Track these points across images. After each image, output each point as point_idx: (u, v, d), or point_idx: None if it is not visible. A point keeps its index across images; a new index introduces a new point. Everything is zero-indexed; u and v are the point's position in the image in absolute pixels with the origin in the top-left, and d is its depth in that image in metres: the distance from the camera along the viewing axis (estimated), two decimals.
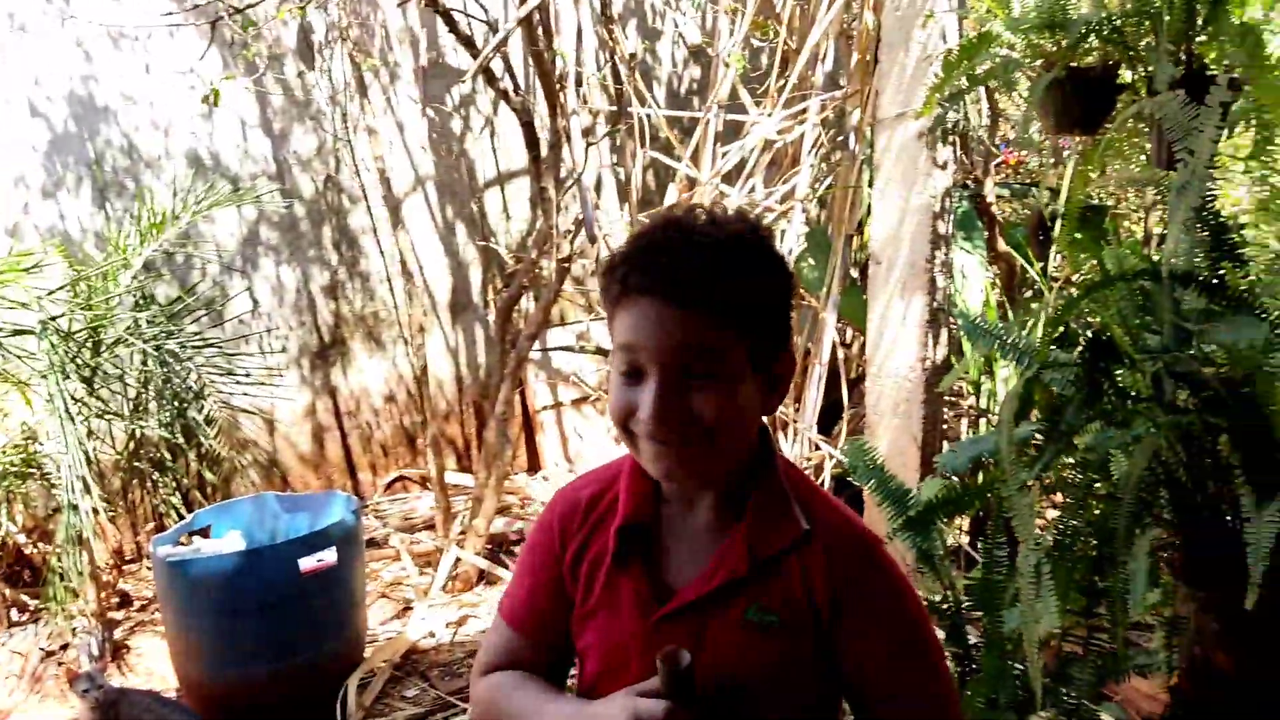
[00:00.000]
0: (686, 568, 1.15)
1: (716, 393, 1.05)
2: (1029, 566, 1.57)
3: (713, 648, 1.11)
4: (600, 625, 1.16)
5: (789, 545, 1.12)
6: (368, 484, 5.55)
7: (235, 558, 3.21)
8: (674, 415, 1.05)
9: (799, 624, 1.11)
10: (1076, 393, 1.62)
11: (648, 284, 1.05)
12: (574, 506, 1.23)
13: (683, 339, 1.04)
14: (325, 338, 5.34)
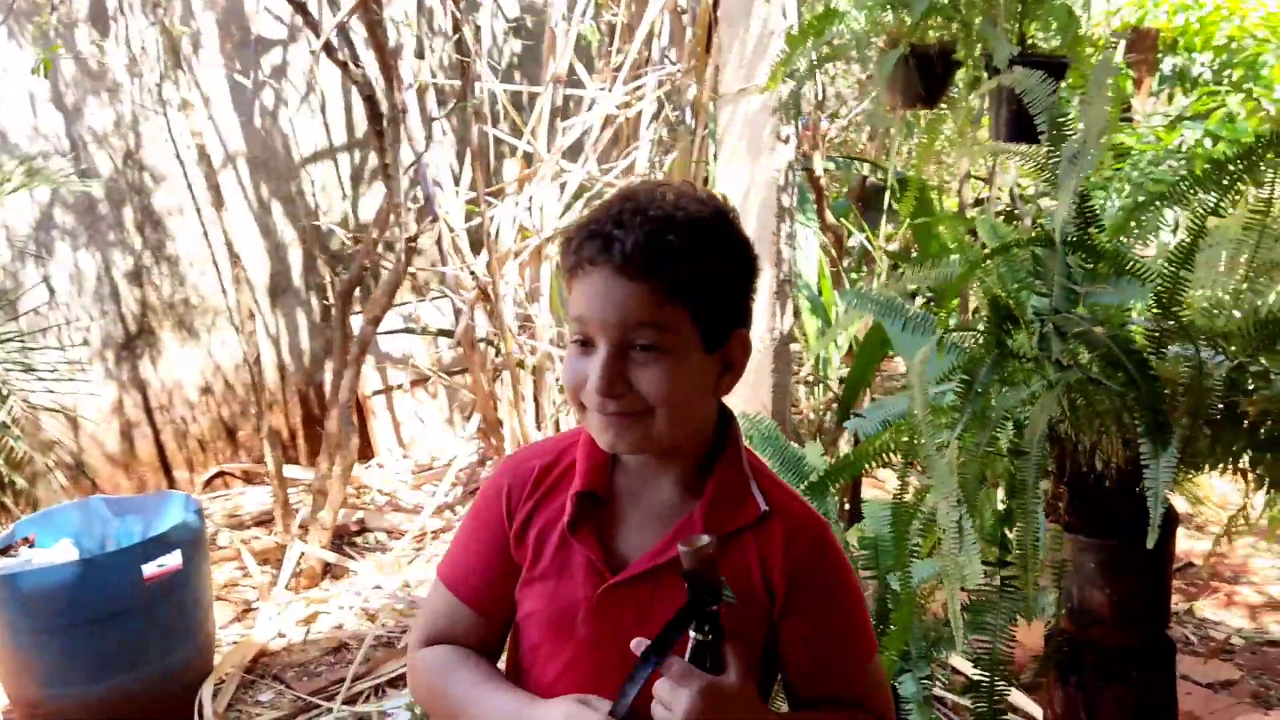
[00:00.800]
0: (641, 540, 1.15)
1: (661, 367, 1.07)
2: (951, 522, 1.65)
3: (660, 620, 1.11)
4: (548, 591, 1.15)
5: (746, 525, 1.15)
6: (184, 482, 5.22)
7: (72, 568, 2.96)
8: (617, 387, 1.07)
9: (750, 602, 1.14)
10: (985, 354, 1.72)
11: (598, 256, 1.07)
12: (524, 475, 1.21)
13: (630, 312, 1.06)
14: (131, 328, 4.97)
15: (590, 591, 1.13)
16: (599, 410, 1.08)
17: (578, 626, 1.13)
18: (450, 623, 1.22)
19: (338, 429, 3.94)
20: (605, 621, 1.13)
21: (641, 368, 1.07)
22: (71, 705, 2.99)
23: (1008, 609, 1.76)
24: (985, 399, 1.72)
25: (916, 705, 1.81)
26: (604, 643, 1.13)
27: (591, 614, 1.13)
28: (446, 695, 1.17)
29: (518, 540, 1.19)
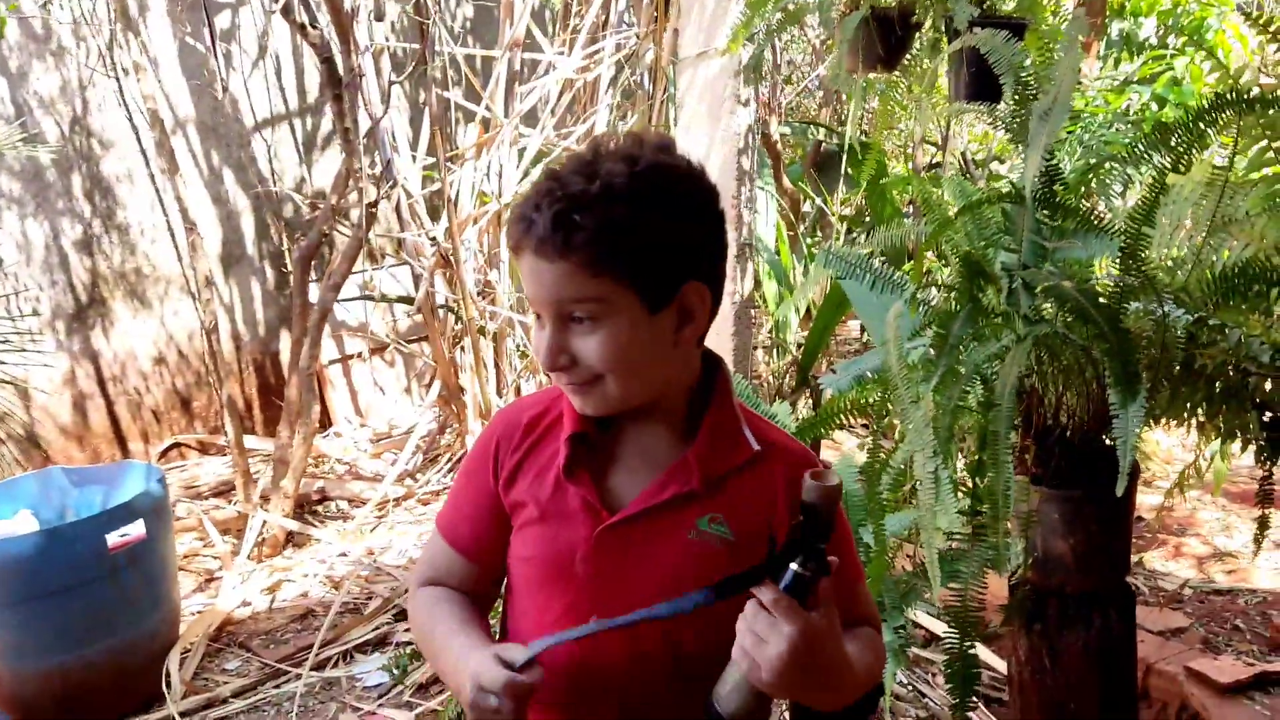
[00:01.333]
0: (637, 481, 1.18)
1: (598, 337, 1.09)
2: (927, 473, 1.69)
3: (659, 559, 1.15)
4: (546, 534, 1.18)
5: (739, 465, 1.17)
6: (139, 453, 5.15)
7: (34, 539, 2.92)
8: (559, 359, 1.11)
9: (751, 535, 1.16)
10: (959, 308, 1.76)
11: (523, 239, 1.10)
12: (513, 426, 1.24)
13: (557, 290, 1.09)
14: (82, 297, 4.88)
15: (588, 532, 1.15)
16: (557, 380, 1.14)
17: (577, 568, 1.15)
18: (445, 569, 1.27)
19: (298, 396, 3.91)
20: (604, 562, 1.15)
21: (582, 338, 1.10)
22: (33, 677, 2.96)
23: (978, 558, 1.81)
24: (957, 354, 1.76)
25: (891, 654, 1.86)
26: (603, 583, 1.15)
27: (590, 554, 1.15)
28: (426, 636, 1.22)
29: (507, 486, 1.21)
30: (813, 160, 5.32)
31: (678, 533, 1.15)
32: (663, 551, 1.15)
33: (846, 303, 4.08)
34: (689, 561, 1.15)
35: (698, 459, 1.16)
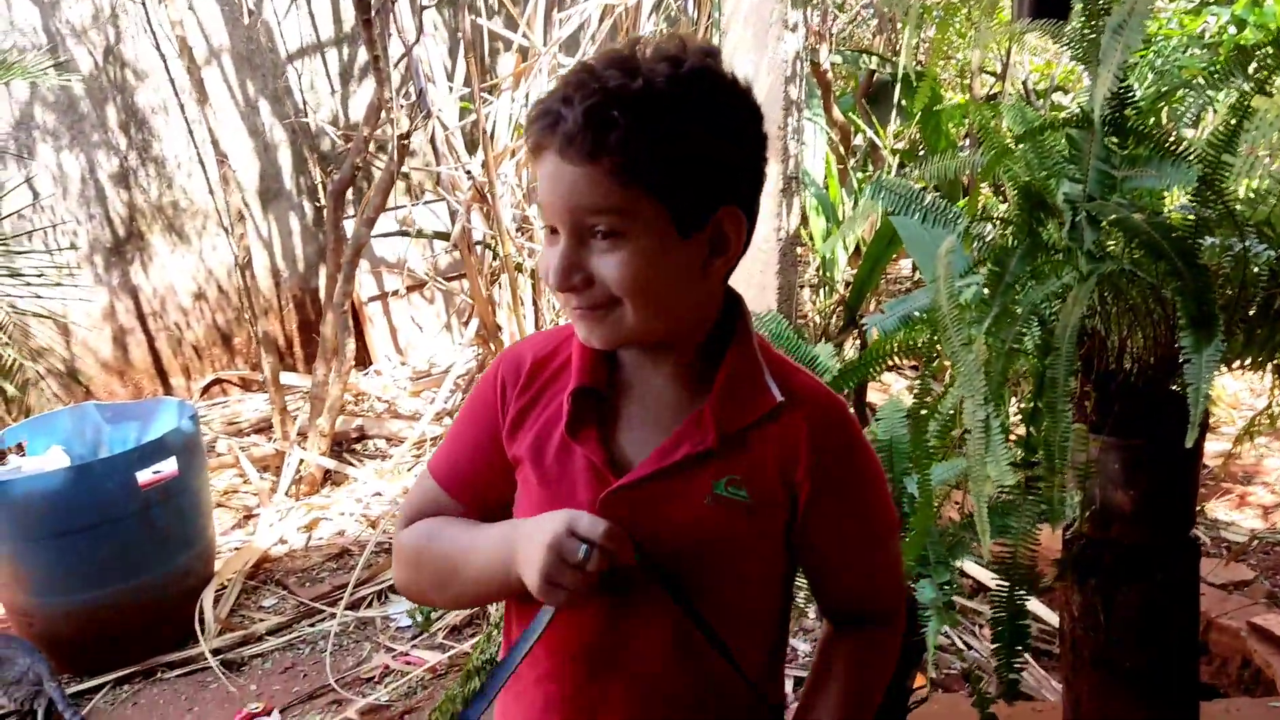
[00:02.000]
0: (646, 440, 1.05)
1: (620, 256, 0.96)
2: (977, 421, 1.57)
3: (672, 527, 1.03)
4: (548, 497, 1.05)
5: (760, 418, 1.05)
6: (181, 389, 5.16)
7: (64, 475, 2.90)
8: (571, 277, 0.97)
9: (771, 500, 1.05)
10: (1017, 244, 1.62)
11: (546, 136, 0.95)
12: (518, 367, 1.11)
13: (580, 197, 0.95)
14: (120, 231, 4.85)
15: (593, 496, 1.03)
16: (565, 303, 1.01)
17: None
18: (434, 513, 1.15)
19: (333, 334, 3.85)
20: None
21: (601, 256, 0.97)
22: (66, 614, 2.96)
23: (1031, 512, 1.69)
24: (1014, 293, 1.62)
25: (935, 611, 1.76)
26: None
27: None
28: (433, 550, 1.11)
29: (511, 435, 1.09)
30: (865, 91, 5.10)
31: (693, 497, 1.03)
32: (676, 518, 1.03)
33: (897, 239, 3.91)
34: (706, 529, 1.04)
35: (713, 413, 1.04)
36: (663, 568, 1.01)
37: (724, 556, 1.05)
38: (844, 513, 1.09)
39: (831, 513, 1.08)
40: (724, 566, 1.05)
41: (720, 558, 1.05)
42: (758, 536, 1.07)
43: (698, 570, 1.04)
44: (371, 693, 2.88)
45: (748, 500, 1.04)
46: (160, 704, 2.94)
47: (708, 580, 1.05)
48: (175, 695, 2.99)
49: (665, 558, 1.03)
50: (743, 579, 1.08)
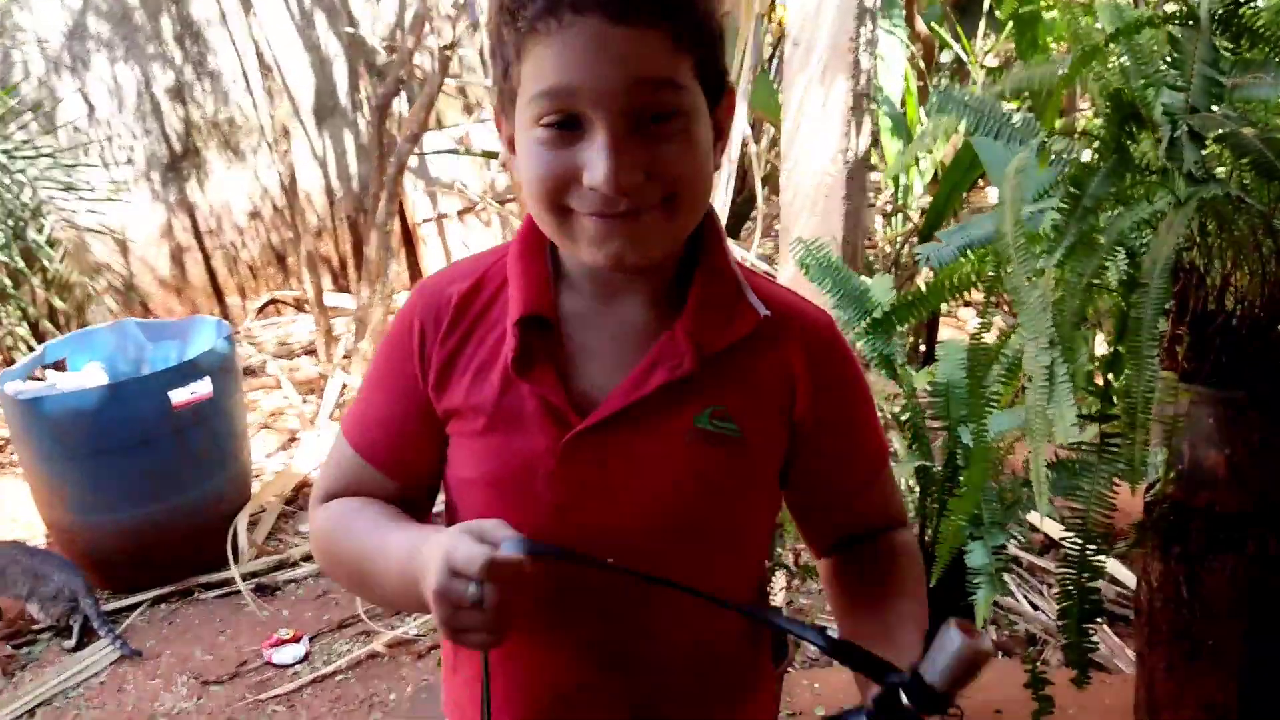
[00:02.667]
0: (609, 372, 0.87)
1: (687, 139, 0.79)
2: (1039, 367, 1.36)
3: (649, 472, 0.86)
4: (494, 448, 0.88)
5: (745, 337, 0.88)
6: (237, 308, 5.12)
7: (97, 393, 2.84)
8: (637, 176, 0.77)
9: (766, 435, 0.89)
10: (1101, 160, 1.38)
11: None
12: (441, 304, 0.92)
13: (638, 70, 0.76)
14: (175, 147, 4.77)
15: (552, 442, 0.86)
16: (602, 212, 0.79)
17: (539, 489, 0.87)
18: (355, 483, 0.96)
19: (377, 255, 3.72)
20: (576, 480, 0.86)
21: (662, 144, 0.78)
22: (103, 532, 2.93)
23: (1106, 471, 1.47)
24: (1094, 219, 1.39)
25: (986, 579, 1.56)
26: (575, 507, 0.87)
27: (556, 472, 0.86)
28: (345, 549, 0.93)
29: (439, 386, 0.91)
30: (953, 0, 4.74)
31: (671, 434, 0.86)
32: (653, 461, 0.86)
33: (978, 163, 3.62)
34: (688, 472, 0.86)
35: (688, 333, 0.85)
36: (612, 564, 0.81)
37: (711, 502, 0.88)
38: (851, 439, 0.96)
39: (836, 444, 0.95)
40: (711, 514, 0.89)
41: (707, 504, 0.88)
42: (750, 477, 0.90)
43: (681, 521, 0.88)
44: (400, 625, 2.79)
45: (737, 434, 0.87)
46: (195, 624, 2.90)
47: (692, 531, 0.88)
48: (210, 616, 2.95)
49: (643, 511, 0.87)
50: (733, 526, 0.92)
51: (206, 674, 2.64)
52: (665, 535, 0.87)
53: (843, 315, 2.01)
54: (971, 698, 2.15)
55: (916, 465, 1.85)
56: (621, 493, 0.86)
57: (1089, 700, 2.19)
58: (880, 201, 4.37)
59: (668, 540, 0.87)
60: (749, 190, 4.44)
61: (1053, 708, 1.60)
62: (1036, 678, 1.59)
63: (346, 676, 2.62)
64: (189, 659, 2.71)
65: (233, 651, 2.75)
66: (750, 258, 4.16)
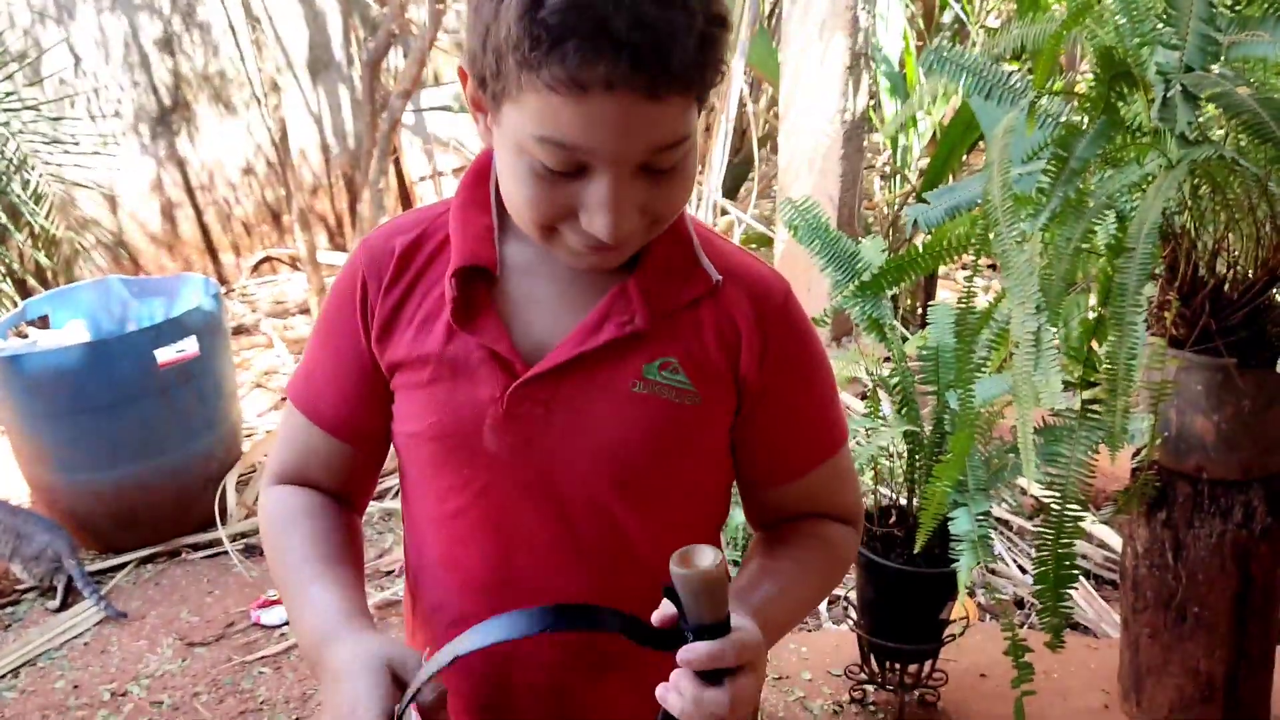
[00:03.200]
0: (557, 321, 0.85)
1: (681, 183, 0.78)
2: (1027, 332, 1.33)
3: (596, 423, 0.84)
4: (439, 399, 0.86)
5: (696, 299, 0.86)
6: (231, 266, 5.08)
7: (79, 351, 2.81)
8: (636, 217, 0.76)
9: (716, 388, 0.86)
10: (1091, 121, 1.34)
11: (614, 75, 0.68)
12: (383, 257, 0.89)
13: (661, 139, 0.73)
14: (165, 100, 4.71)
15: (498, 392, 0.84)
16: (588, 245, 0.78)
17: (485, 441, 0.85)
18: (304, 453, 0.94)
19: (371, 212, 3.68)
20: (522, 431, 0.84)
21: (658, 189, 0.77)
22: (86, 491, 2.91)
23: (1087, 438, 1.45)
24: (1083, 180, 1.35)
25: (969, 545, 1.54)
26: (522, 461, 0.84)
27: (502, 422, 0.84)
28: (275, 568, 0.92)
29: (382, 340, 0.89)
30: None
31: (619, 387, 0.84)
32: (600, 412, 0.84)
33: (977, 125, 3.57)
34: (636, 422, 0.84)
35: (640, 289, 0.84)
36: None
37: (659, 458, 0.86)
38: (797, 410, 0.91)
39: (783, 409, 0.90)
40: (658, 469, 0.86)
41: (654, 459, 0.86)
42: (699, 433, 0.88)
43: (627, 475, 0.85)
44: (390, 586, 2.79)
45: (687, 386, 0.85)
46: (182, 585, 2.89)
47: (639, 486, 0.86)
48: (197, 577, 2.94)
49: (590, 464, 0.84)
50: (681, 483, 0.89)
51: (192, 635, 2.63)
52: (611, 490, 0.85)
53: (833, 277, 1.98)
54: (957, 661, 2.16)
55: (904, 430, 1.83)
56: (567, 445, 0.84)
57: (1074, 663, 2.20)
58: (879, 163, 4.32)
59: (614, 495, 0.85)
60: (746, 151, 4.38)
61: (1032, 675, 1.58)
62: (1016, 645, 1.57)
63: None
64: (175, 620, 2.71)
65: (220, 613, 2.74)
66: (747, 219, 4.11)
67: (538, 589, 0.86)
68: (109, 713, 2.37)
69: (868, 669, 2.02)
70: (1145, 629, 1.91)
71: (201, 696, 2.41)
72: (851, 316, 1.93)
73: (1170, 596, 1.86)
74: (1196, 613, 1.84)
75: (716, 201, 4.06)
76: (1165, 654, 1.90)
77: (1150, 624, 1.90)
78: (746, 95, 4.10)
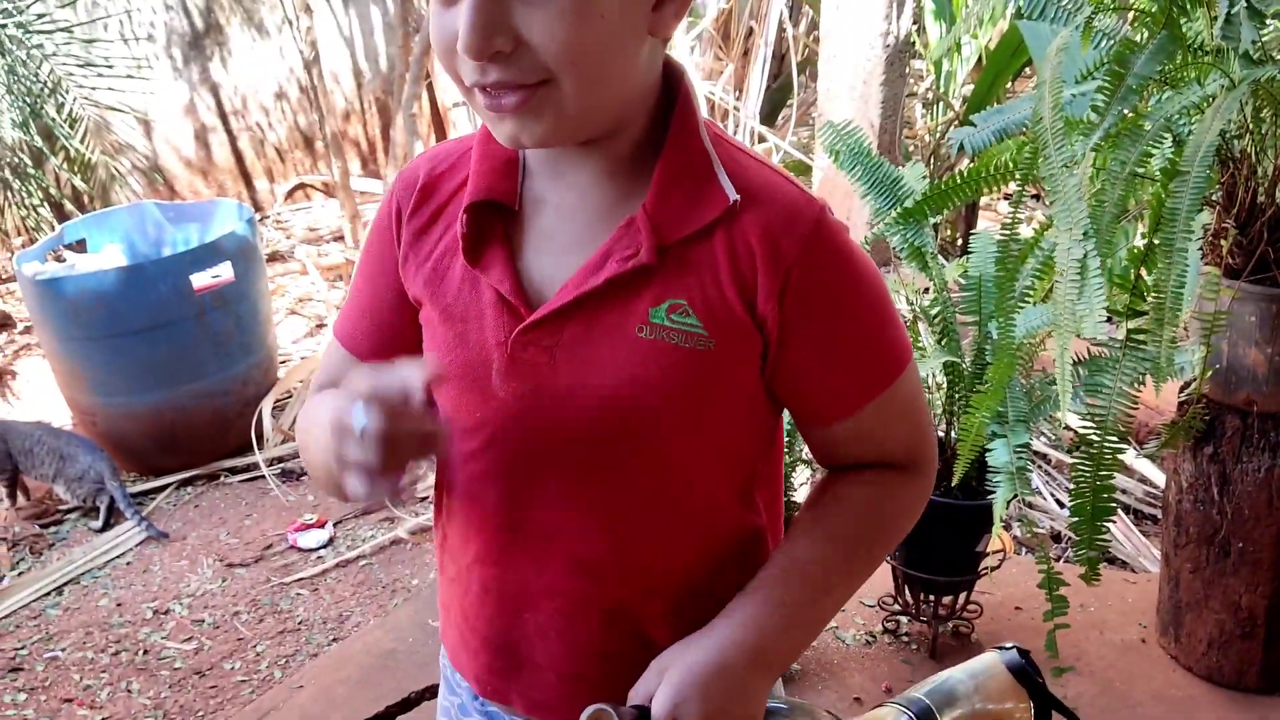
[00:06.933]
0: (567, 261, 0.80)
1: (557, 5, 0.69)
2: (1072, 260, 1.28)
3: (600, 369, 0.79)
4: (450, 339, 0.83)
5: (711, 222, 0.78)
6: (265, 193, 5.07)
7: (116, 274, 2.82)
8: (494, 39, 0.68)
9: (733, 329, 0.79)
10: (1150, 36, 1.28)
11: None
12: (412, 184, 0.86)
13: None
14: (197, 23, 4.66)
15: (504, 336, 0.80)
16: (480, 85, 0.72)
17: (493, 385, 0.81)
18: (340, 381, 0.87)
19: (404, 138, 3.64)
20: (525, 376, 0.80)
21: (530, 6, 0.69)
22: (125, 415, 2.95)
23: (1130, 369, 1.41)
24: (1140, 99, 1.30)
25: (1007, 477, 1.51)
26: (529, 407, 0.81)
27: (509, 367, 0.80)
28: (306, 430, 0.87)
29: (405, 268, 0.86)
30: None
31: (624, 330, 0.78)
32: (605, 358, 0.79)
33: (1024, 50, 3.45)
34: (642, 370, 0.78)
35: (649, 218, 0.78)
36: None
37: (672, 404, 0.80)
38: (834, 346, 0.82)
39: (816, 346, 0.81)
40: (671, 418, 0.80)
41: (667, 407, 0.80)
42: (716, 377, 0.80)
43: (636, 425, 0.80)
44: (424, 512, 2.81)
45: (700, 330, 0.78)
46: (221, 508, 2.94)
47: (652, 437, 0.81)
48: (236, 500, 2.98)
49: (599, 411, 0.79)
50: (700, 431, 0.83)
51: (231, 557, 2.68)
52: (622, 439, 0.80)
53: (873, 204, 1.93)
54: (991, 594, 2.14)
55: (944, 361, 1.79)
56: (574, 392, 0.79)
57: (1111, 597, 2.17)
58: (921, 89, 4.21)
59: (625, 444, 0.81)
60: (785, 76, 4.28)
61: (1067, 608, 1.56)
62: (1051, 578, 1.55)
63: (370, 562, 2.65)
64: (214, 542, 2.75)
65: (258, 535, 2.78)
66: (785, 146, 4.04)
67: (549, 535, 0.84)
68: (151, 629, 2.42)
69: (901, 600, 2.01)
70: (1187, 564, 1.88)
71: (241, 615, 2.46)
72: (892, 245, 1.88)
73: (1214, 531, 1.82)
74: (1240, 548, 1.81)
75: (754, 128, 3.99)
76: (1206, 589, 1.87)
77: (1192, 559, 1.87)
78: (786, 19, 3.99)
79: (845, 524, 0.86)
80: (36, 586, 2.56)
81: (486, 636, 0.90)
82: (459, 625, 0.92)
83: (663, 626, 0.85)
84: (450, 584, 0.92)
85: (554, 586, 0.85)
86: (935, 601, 1.95)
